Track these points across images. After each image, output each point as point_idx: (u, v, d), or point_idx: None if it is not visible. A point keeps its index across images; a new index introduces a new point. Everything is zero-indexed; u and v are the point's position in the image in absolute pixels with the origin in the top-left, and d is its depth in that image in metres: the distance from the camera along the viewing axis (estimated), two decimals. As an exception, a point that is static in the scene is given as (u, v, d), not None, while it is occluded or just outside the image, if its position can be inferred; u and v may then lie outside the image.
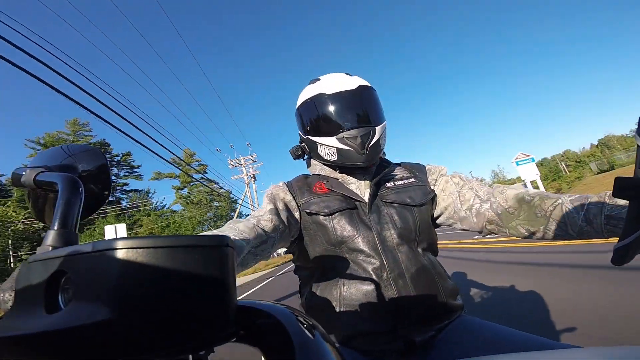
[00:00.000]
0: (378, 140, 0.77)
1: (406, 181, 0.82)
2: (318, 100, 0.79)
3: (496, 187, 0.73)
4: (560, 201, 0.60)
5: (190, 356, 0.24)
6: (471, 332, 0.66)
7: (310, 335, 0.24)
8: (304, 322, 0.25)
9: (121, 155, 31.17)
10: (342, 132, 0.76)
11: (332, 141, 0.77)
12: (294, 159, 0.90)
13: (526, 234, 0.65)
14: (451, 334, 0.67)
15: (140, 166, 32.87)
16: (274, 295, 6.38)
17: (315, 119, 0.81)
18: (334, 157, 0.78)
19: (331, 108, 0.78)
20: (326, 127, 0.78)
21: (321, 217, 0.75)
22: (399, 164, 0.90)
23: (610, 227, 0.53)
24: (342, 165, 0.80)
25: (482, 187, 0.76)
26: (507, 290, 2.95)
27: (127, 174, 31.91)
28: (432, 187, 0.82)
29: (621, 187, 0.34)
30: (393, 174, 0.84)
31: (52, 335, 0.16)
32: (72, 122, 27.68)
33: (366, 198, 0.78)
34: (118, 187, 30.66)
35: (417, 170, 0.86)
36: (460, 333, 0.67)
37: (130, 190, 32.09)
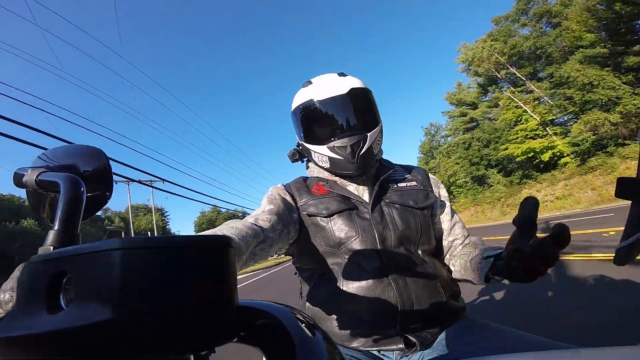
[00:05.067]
0: (370, 147, 0.76)
1: (408, 184, 0.82)
2: (309, 107, 0.77)
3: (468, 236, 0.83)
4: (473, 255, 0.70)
5: (192, 356, 0.24)
6: (472, 332, 0.66)
7: (310, 335, 0.24)
8: (305, 321, 0.25)
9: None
10: (333, 140, 0.75)
11: (323, 149, 0.76)
12: (292, 162, 0.89)
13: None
14: (452, 335, 0.67)
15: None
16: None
17: (306, 126, 0.80)
18: (326, 165, 0.78)
19: (321, 115, 0.77)
20: (317, 135, 0.78)
21: (320, 219, 0.75)
22: (401, 166, 0.91)
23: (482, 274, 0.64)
24: (335, 173, 0.81)
25: (463, 229, 0.84)
26: (512, 292, 2.92)
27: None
28: (433, 193, 0.83)
29: (623, 187, 0.34)
30: (396, 175, 0.85)
31: (53, 336, 0.16)
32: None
33: (365, 198, 0.78)
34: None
35: (419, 174, 0.87)
36: (462, 334, 0.67)
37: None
